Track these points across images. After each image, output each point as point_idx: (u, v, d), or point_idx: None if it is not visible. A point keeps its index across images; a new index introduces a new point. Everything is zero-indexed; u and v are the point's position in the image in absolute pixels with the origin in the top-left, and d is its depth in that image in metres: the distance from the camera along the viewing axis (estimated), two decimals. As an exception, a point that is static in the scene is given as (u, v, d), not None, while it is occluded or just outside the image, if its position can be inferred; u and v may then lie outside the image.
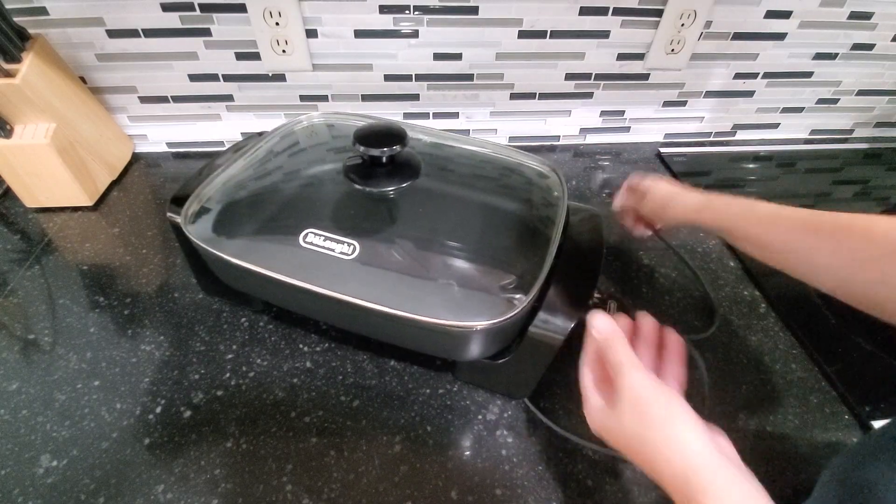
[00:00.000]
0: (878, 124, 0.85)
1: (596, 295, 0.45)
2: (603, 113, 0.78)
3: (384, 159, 0.43)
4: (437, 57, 0.68)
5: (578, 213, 0.47)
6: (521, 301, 0.36)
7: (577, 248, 0.43)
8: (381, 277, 0.38)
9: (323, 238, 0.39)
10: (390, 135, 0.43)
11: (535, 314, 0.38)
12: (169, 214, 0.43)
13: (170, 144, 0.75)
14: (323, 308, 0.43)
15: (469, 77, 0.70)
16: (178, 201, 0.43)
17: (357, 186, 0.43)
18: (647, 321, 0.39)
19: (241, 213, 0.44)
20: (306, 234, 0.39)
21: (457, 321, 0.35)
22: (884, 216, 0.32)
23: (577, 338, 0.37)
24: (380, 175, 0.44)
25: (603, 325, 0.35)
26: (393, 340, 0.45)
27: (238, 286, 0.46)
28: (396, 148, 0.42)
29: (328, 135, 0.54)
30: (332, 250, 0.38)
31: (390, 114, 0.74)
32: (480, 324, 0.35)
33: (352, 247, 0.38)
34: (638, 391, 0.30)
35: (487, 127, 0.77)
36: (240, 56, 0.66)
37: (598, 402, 0.33)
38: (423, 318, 0.35)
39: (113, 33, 0.63)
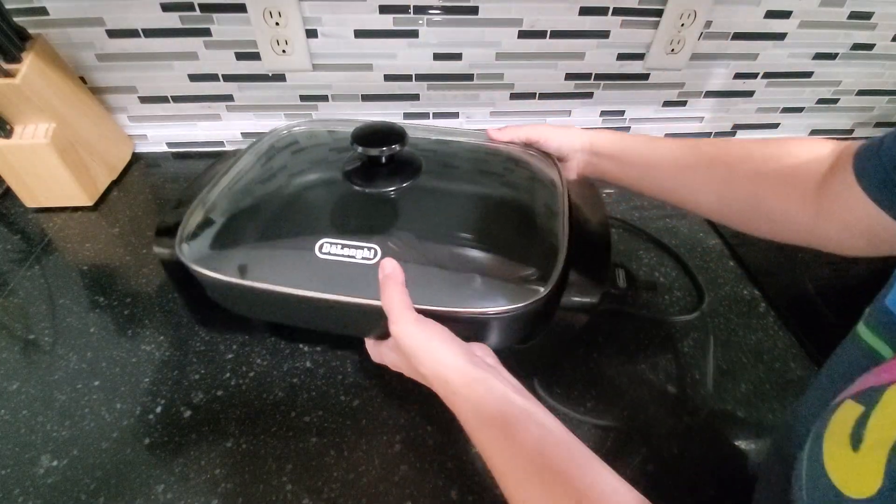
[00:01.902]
0: (878, 124, 0.85)
1: None
2: (603, 113, 0.78)
3: (384, 159, 0.43)
4: (437, 57, 0.68)
5: (575, 188, 0.48)
6: (553, 275, 0.37)
7: (585, 221, 0.44)
8: (413, 276, 0.37)
9: (340, 246, 0.38)
10: (390, 133, 0.43)
11: (561, 291, 0.38)
12: (157, 250, 0.41)
13: (170, 144, 0.75)
14: (349, 318, 0.41)
15: (469, 77, 0.70)
16: (166, 233, 0.41)
17: (362, 189, 0.42)
18: None
19: (245, 236, 0.41)
20: (321, 245, 0.38)
21: (501, 307, 0.35)
22: (761, 140, 0.39)
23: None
24: (381, 175, 0.43)
25: (385, 265, 0.36)
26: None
27: (251, 313, 0.45)
28: (395, 147, 0.42)
29: (311, 143, 0.52)
30: (354, 257, 0.37)
31: (390, 114, 0.74)
32: (520, 305, 0.36)
33: (373, 251, 0.38)
34: (404, 334, 0.34)
35: (487, 127, 0.77)
36: (240, 56, 0.66)
37: (389, 345, 0.38)
38: (468, 311, 0.35)
39: (113, 33, 0.63)
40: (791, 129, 0.84)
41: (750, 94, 0.78)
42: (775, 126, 0.83)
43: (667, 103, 0.77)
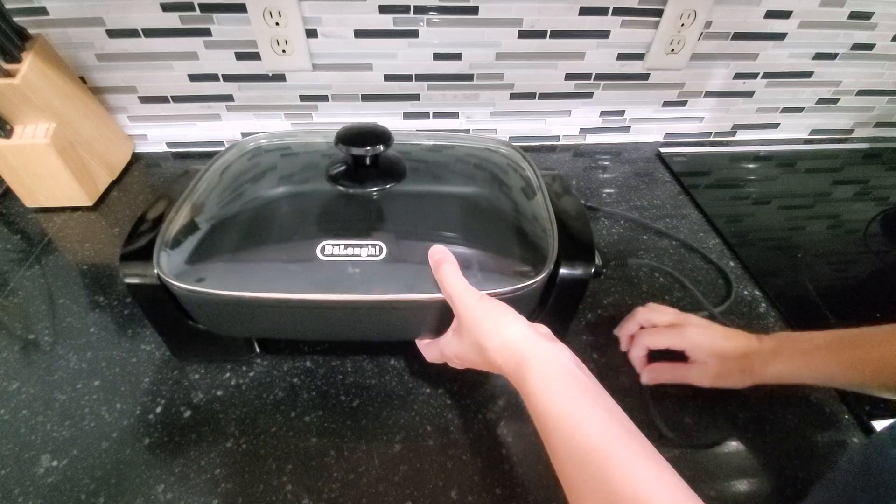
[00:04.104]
0: (878, 124, 0.85)
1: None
2: (603, 113, 0.78)
3: (368, 160, 0.43)
4: (437, 57, 0.68)
5: (546, 176, 0.50)
6: (551, 252, 0.39)
7: (565, 205, 0.47)
8: (421, 269, 0.37)
9: (343, 247, 0.38)
10: (374, 134, 0.42)
11: (558, 268, 0.40)
12: (129, 281, 0.38)
13: (170, 144, 0.75)
14: (360, 320, 0.41)
15: (469, 77, 0.70)
16: (135, 256, 0.38)
17: (354, 190, 0.42)
18: None
19: (236, 249, 0.39)
20: (323, 248, 0.38)
21: (514, 285, 0.37)
22: None
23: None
24: (366, 175, 0.43)
25: (434, 251, 0.37)
26: (430, 333, 0.43)
27: (249, 330, 0.44)
28: (380, 148, 0.41)
29: (282, 153, 0.51)
30: (359, 255, 0.37)
31: (390, 114, 0.74)
32: (533, 281, 0.37)
33: (377, 247, 0.38)
34: (471, 311, 0.35)
35: (487, 127, 0.77)
36: (240, 56, 0.66)
37: (448, 336, 0.39)
38: (492, 291, 0.36)
39: (113, 33, 0.63)
40: (791, 129, 0.84)
41: (750, 94, 0.78)
42: (775, 126, 0.83)
43: (667, 103, 0.77)
